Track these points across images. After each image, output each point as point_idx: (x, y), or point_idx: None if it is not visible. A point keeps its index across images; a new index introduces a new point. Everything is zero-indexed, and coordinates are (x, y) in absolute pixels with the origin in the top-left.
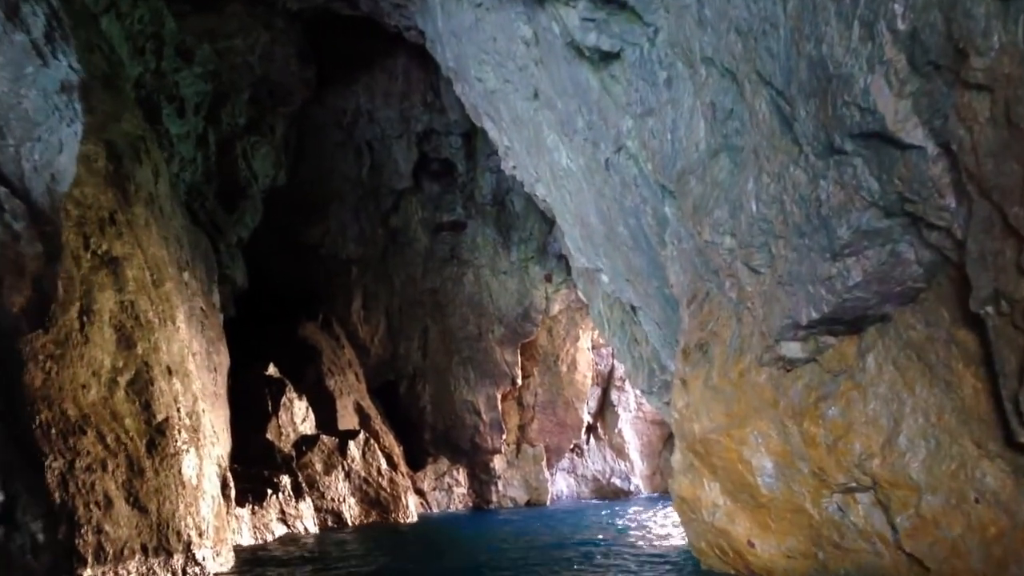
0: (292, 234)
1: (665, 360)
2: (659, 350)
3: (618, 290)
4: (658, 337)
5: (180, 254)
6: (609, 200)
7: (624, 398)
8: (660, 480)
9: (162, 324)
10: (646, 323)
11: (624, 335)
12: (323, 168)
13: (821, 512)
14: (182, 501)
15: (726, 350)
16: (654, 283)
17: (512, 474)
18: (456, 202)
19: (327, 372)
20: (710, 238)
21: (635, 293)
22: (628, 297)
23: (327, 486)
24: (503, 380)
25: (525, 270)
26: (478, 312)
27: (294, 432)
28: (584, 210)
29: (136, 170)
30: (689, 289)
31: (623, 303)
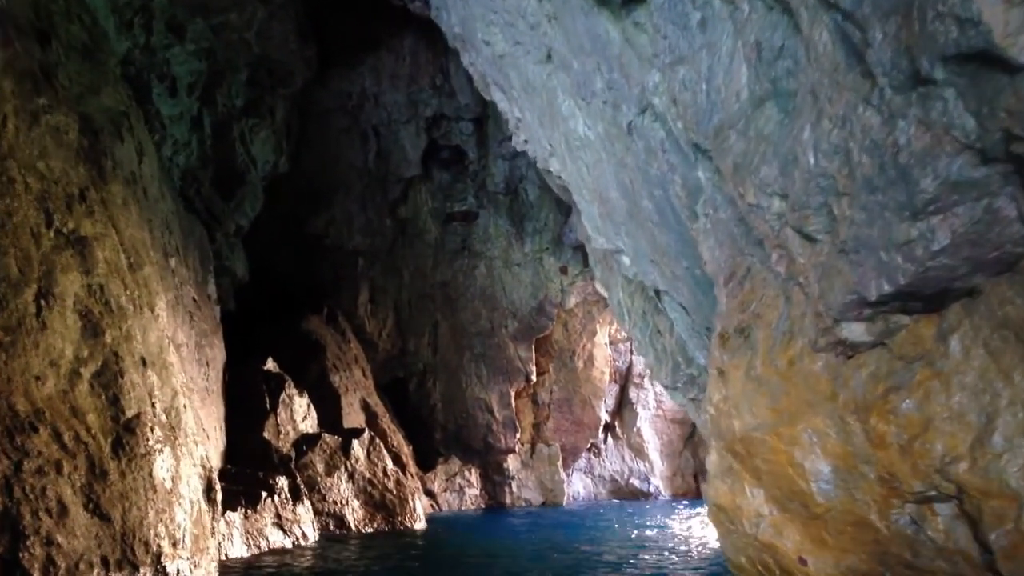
0: (295, 224)
1: (692, 351)
2: (686, 340)
3: (641, 273)
4: (685, 325)
5: (168, 239)
6: (632, 170)
7: (643, 396)
8: (681, 481)
9: (138, 311)
10: (672, 310)
11: (646, 326)
12: (327, 155)
13: (889, 525)
14: (152, 507)
15: (772, 334)
16: (682, 263)
17: (526, 475)
18: (467, 191)
19: (331, 368)
20: (755, 201)
21: (660, 275)
22: (653, 280)
23: (328, 488)
24: (517, 377)
25: (539, 262)
26: (490, 306)
27: (294, 431)
28: (603, 184)
29: (116, 147)
30: (727, 265)
31: (646, 290)
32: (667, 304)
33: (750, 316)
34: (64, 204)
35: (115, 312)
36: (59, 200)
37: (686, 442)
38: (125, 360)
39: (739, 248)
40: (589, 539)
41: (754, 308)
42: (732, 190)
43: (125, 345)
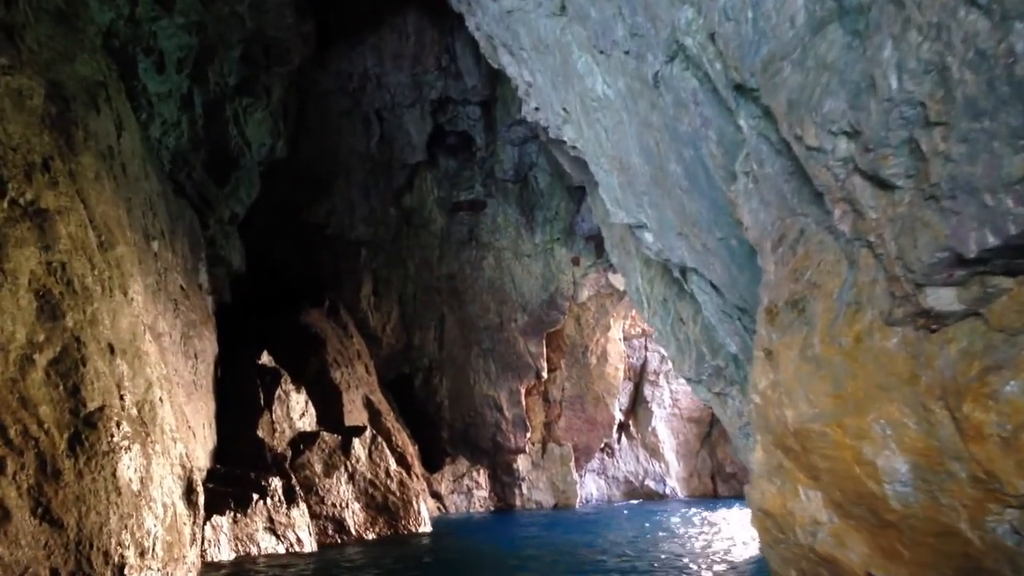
0: (295, 213)
1: (722, 338)
2: (715, 326)
3: (666, 249)
4: (715, 308)
5: (151, 221)
6: (657, 130)
7: (658, 394)
8: (697, 482)
9: (107, 294)
10: (700, 291)
11: (667, 313)
12: (328, 140)
13: (984, 535)
14: (115, 512)
15: (833, 306)
16: (715, 233)
17: (537, 475)
18: (474, 179)
19: (332, 363)
20: (816, 143)
21: (689, 250)
22: (680, 257)
23: (327, 490)
24: (527, 373)
25: (550, 253)
26: (499, 299)
27: (290, 429)
28: (624, 148)
29: (90, 118)
30: (774, 229)
31: (668, 273)
32: (695, 285)
33: (805, 286)
34: (22, 173)
35: (78, 293)
36: (16, 168)
37: (703, 442)
38: (89, 346)
39: (790, 207)
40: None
41: (810, 276)
42: (787, 132)
43: (89, 330)
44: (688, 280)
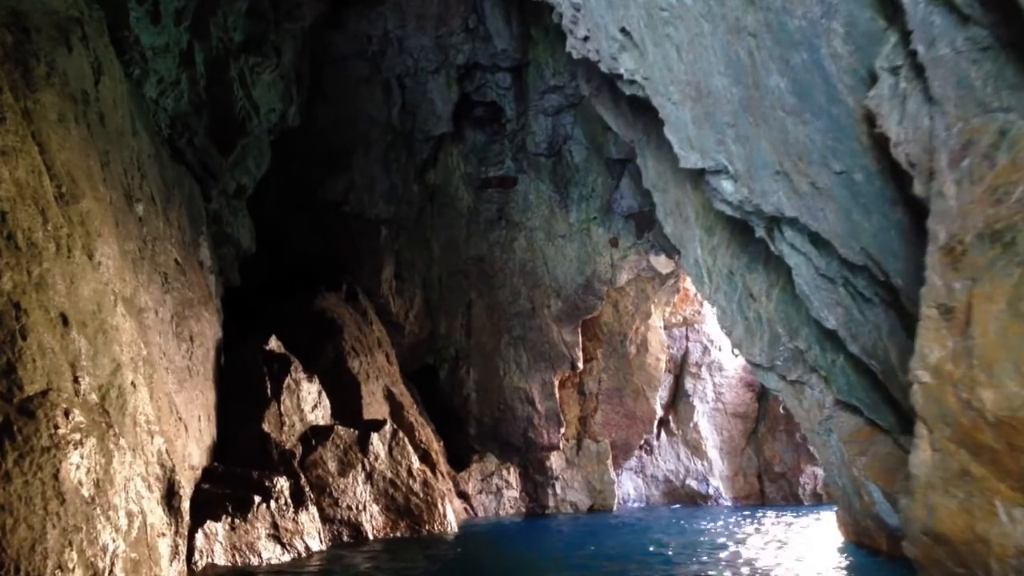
0: (310, 189)
1: (819, 310)
2: (808, 295)
3: (755, 195)
4: (810, 272)
5: (136, 183)
6: (753, 34)
7: (700, 387)
8: (743, 482)
9: (63, 253)
10: (793, 252)
11: (733, 289)
12: (345, 109)
13: None
14: (55, 524)
15: None
16: (832, 165)
17: (572, 474)
18: (504, 153)
19: (350, 351)
20: None
21: (789, 193)
22: (774, 204)
23: (342, 490)
24: (561, 364)
25: (587, 233)
26: (531, 283)
27: (300, 422)
28: (703, 68)
29: (57, 54)
30: (954, 135)
31: (737, 242)
32: (785, 245)
33: (1015, 208)
34: None
35: (22, 250)
36: None
37: (748, 438)
38: (32, 315)
39: (980, 100)
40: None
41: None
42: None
43: (34, 295)
44: (776, 238)
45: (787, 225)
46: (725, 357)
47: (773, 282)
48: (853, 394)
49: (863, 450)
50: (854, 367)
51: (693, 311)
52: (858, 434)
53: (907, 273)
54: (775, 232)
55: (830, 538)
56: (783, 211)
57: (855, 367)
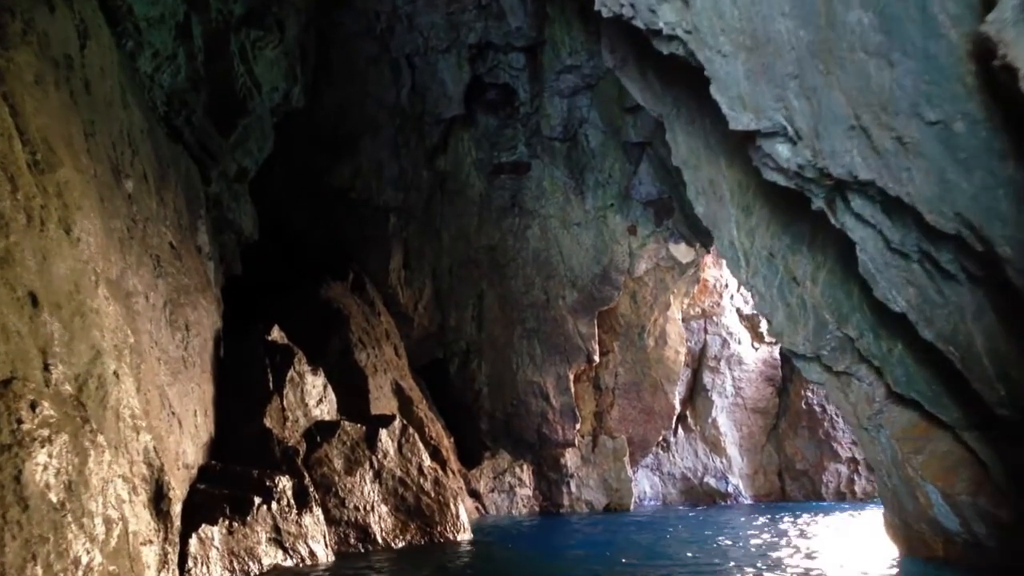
0: (315, 175)
1: (888, 292)
2: (874, 274)
3: (820, 157)
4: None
5: (126, 158)
6: None
7: (719, 381)
8: (763, 480)
9: (35, 226)
10: (860, 224)
11: (773, 272)
12: (352, 91)
13: None
14: (17, 535)
15: None
16: (927, 114)
17: (587, 472)
18: (517, 138)
19: (357, 343)
20: None
21: (866, 151)
22: (846, 165)
23: (348, 490)
24: (576, 357)
25: (603, 221)
26: (545, 273)
27: (304, 417)
28: (760, 13)
29: (36, 12)
30: None
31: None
32: (854, 213)
33: None
34: None
35: None
36: None
37: (769, 435)
38: None
39: None
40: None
41: None
42: None
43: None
44: (838, 210)
45: (856, 192)
46: (745, 350)
47: (820, 264)
48: (912, 386)
49: (919, 448)
50: (914, 356)
51: (712, 303)
52: (913, 430)
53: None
54: (837, 203)
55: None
56: (856, 174)
57: (915, 356)
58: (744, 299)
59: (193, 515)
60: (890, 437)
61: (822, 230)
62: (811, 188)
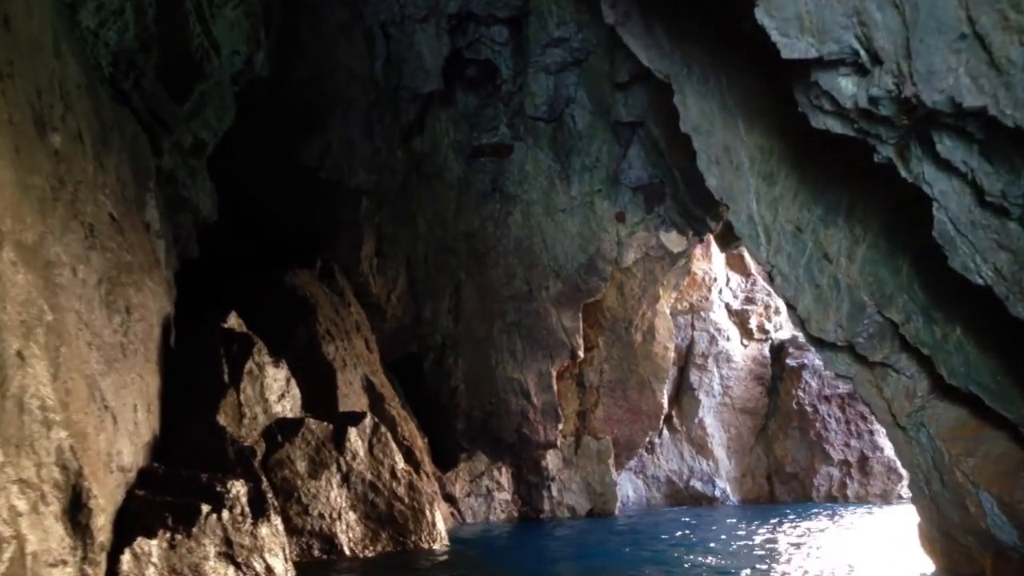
0: (281, 152)
1: (970, 260)
2: (954, 238)
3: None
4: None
5: (56, 111)
6: None
7: (706, 380)
8: (751, 483)
9: None
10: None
11: (800, 250)
12: (322, 61)
13: None
14: None
15: None
16: None
17: (570, 475)
18: (499, 118)
19: (324, 335)
20: None
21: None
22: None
23: (313, 496)
24: (560, 352)
25: (590, 207)
26: (528, 263)
27: (264, 414)
28: None
29: None
30: None
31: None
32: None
33: None
34: None
35: None
36: None
37: (758, 436)
38: None
39: None
40: None
41: None
42: None
43: None
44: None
45: (947, 130)
46: (733, 347)
47: (858, 238)
48: (972, 377)
49: (971, 449)
50: (977, 342)
51: (701, 297)
52: (963, 429)
53: None
54: (912, 149)
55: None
56: (960, 100)
57: (979, 342)
58: (733, 294)
59: (128, 527)
60: (933, 437)
61: (865, 198)
62: (878, 132)
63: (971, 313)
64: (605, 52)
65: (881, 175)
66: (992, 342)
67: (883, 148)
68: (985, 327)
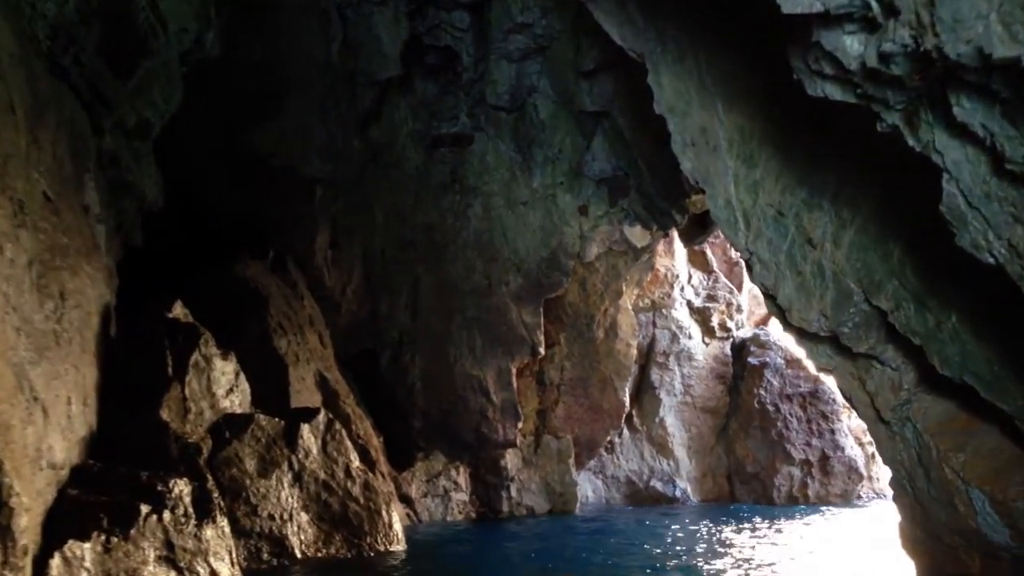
0: (233, 138)
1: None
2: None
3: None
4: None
5: None
6: None
7: (668, 378)
8: (712, 483)
9: None
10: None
11: (781, 235)
12: (276, 43)
13: None
14: None
15: None
16: None
17: (529, 475)
18: (459, 107)
19: (276, 328)
20: None
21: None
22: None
23: (262, 496)
24: (520, 349)
25: (552, 200)
26: (488, 256)
27: (211, 409)
28: None
29: None
30: None
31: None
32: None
33: None
34: None
35: None
36: None
37: (719, 436)
38: None
39: None
40: None
41: None
42: None
43: None
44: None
45: (967, 90)
46: (695, 345)
47: (846, 222)
48: (967, 367)
49: (960, 444)
50: (974, 330)
51: (663, 294)
52: (951, 423)
53: None
54: (922, 115)
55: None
56: (990, 48)
57: (975, 330)
58: (695, 291)
59: (59, 529)
60: (921, 432)
61: (854, 179)
62: (885, 96)
63: (968, 300)
64: (570, 39)
65: (877, 152)
66: (990, 330)
67: (888, 115)
68: (983, 314)
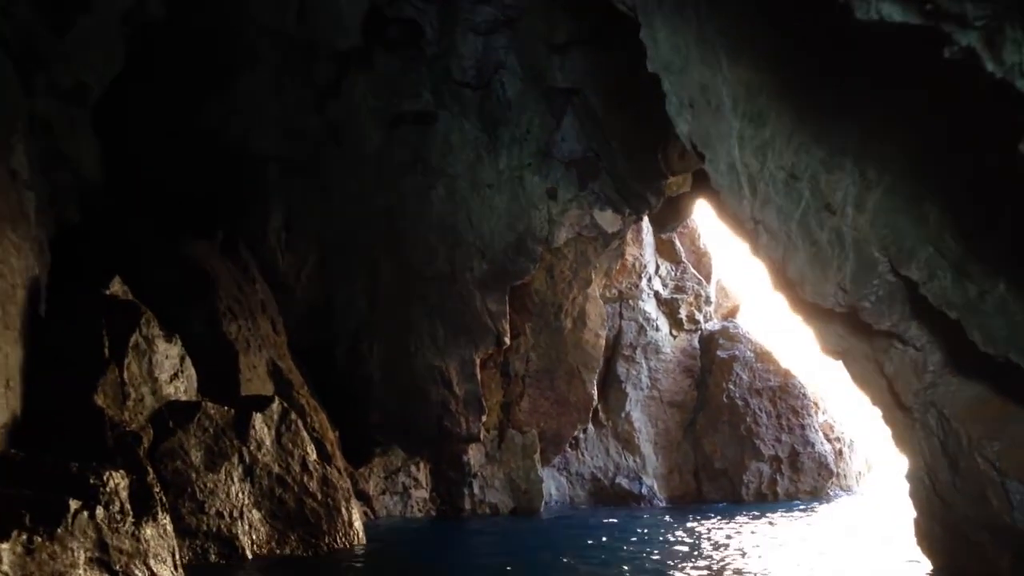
0: (180, 110)
1: None
2: None
3: None
4: None
5: None
6: None
7: (634, 371)
8: (679, 481)
9: None
10: None
11: (794, 201)
12: (228, 9)
13: None
14: None
15: None
16: None
17: (493, 471)
18: (422, 83)
19: (226, 313)
20: None
21: None
22: None
23: (210, 491)
24: (484, 338)
25: (519, 182)
26: (451, 241)
27: (153, 395)
28: None
29: None
30: None
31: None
32: None
33: None
34: None
35: None
36: None
37: (686, 431)
38: None
39: None
40: None
41: None
42: None
43: None
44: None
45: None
46: (663, 338)
47: (872, 182)
48: (1014, 342)
49: (995, 432)
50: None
51: (630, 284)
52: (983, 409)
53: None
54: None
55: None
56: None
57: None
58: (663, 282)
59: None
60: (948, 418)
61: (884, 131)
62: (962, 11)
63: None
64: (541, 11)
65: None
66: None
67: (963, 36)
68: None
